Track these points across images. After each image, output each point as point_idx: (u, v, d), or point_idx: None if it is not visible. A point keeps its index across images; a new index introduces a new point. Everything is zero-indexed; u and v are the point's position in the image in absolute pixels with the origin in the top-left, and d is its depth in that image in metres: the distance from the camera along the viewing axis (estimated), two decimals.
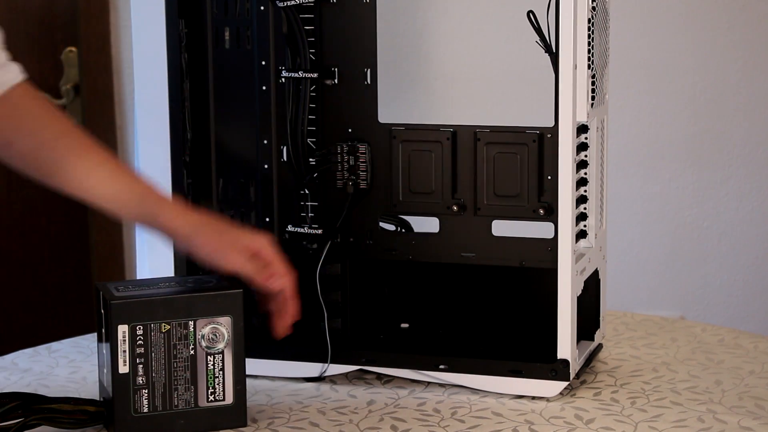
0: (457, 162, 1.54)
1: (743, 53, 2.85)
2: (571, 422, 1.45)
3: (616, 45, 1.68)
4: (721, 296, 2.95)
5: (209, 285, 1.43)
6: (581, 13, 1.46)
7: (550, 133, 1.50)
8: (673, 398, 1.51)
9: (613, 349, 1.68)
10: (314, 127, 1.57)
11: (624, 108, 2.84)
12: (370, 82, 1.54)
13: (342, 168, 1.57)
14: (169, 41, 1.57)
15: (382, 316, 1.66)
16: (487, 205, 1.54)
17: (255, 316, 1.50)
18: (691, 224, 2.92)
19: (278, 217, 1.59)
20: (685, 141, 2.89)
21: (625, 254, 2.91)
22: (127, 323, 1.37)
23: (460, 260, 1.56)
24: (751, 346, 1.70)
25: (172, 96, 1.58)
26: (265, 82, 1.58)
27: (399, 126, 1.55)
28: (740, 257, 2.93)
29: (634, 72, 2.86)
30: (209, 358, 1.40)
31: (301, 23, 1.55)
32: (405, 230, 1.59)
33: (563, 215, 1.48)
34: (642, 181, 2.91)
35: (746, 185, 2.90)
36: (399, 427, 1.44)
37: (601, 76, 1.54)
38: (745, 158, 2.89)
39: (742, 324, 2.90)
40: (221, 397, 1.41)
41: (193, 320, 1.40)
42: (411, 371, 1.56)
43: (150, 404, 1.39)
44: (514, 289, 1.63)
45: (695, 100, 2.87)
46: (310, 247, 1.58)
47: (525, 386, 1.52)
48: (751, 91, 2.87)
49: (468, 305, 1.65)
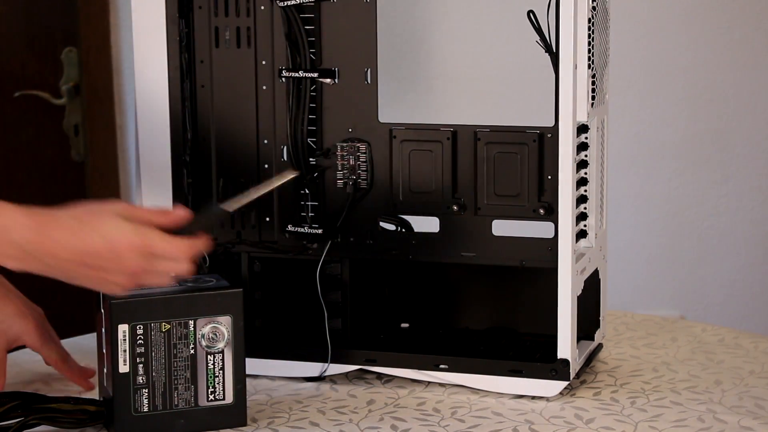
0: (457, 162, 1.54)
1: (743, 53, 2.86)
2: (571, 422, 1.45)
3: (616, 45, 1.68)
4: (721, 296, 2.95)
5: (209, 284, 1.43)
6: (581, 12, 1.46)
7: (550, 133, 1.50)
8: (673, 398, 1.51)
9: (613, 349, 1.68)
10: (314, 127, 1.57)
11: (624, 108, 2.85)
12: (370, 82, 1.54)
13: (342, 168, 1.57)
14: (169, 41, 1.57)
15: (382, 316, 1.66)
16: (487, 204, 1.54)
17: (256, 316, 1.50)
18: (691, 224, 2.93)
19: (278, 217, 1.59)
20: (685, 141, 2.89)
21: (625, 254, 2.91)
22: (127, 323, 1.37)
23: (460, 260, 1.56)
24: (751, 346, 1.70)
25: (172, 96, 1.58)
26: (266, 82, 1.58)
27: (399, 126, 1.55)
28: (740, 257, 2.93)
29: (634, 72, 2.86)
30: (209, 358, 1.41)
31: (301, 23, 1.55)
32: (405, 230, 1.59)
33: (563, 215, 1.48)
34: (642, 181, 2.91)
35: (746, 185, 2.90)
36: (399, 426, 1.44)
37: (601, 75, 1.54)
38: (745, 158, 2.89)
39: (742, 324, 2.90)
40: (221, 396, 1.41)
41: (193, 320, 1.40)
42: (411, 371, 1.56)
43: (150, 404, 1.39)
44: (514, 289, 1.63)
45: (695, 100, 2.88)
46: (310, 247, 1.58)
47: (525, 386, 1.52)
48: (751, 91, 2.87)
49: (468, 305, 1.65)
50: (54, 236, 1.27)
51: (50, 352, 1.54)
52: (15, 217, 1.26)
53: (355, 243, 1.58)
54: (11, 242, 1.26)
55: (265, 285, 1.62)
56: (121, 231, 1.29)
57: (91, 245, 1.27)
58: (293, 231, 1.59)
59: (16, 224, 1.26)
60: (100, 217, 1.29)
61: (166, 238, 1.31)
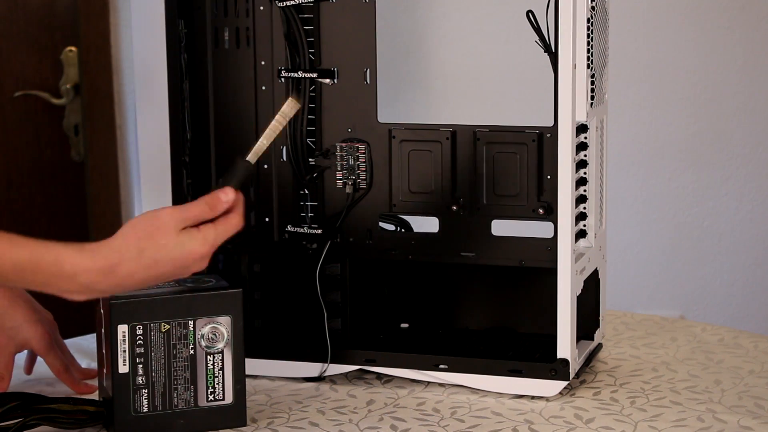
0: (457, 162, 1.54)
1: (743, 53, 2.85)
2: (571, 422, 1.45)
3: (616, 45, 1.68)
4: (721, 296, 2.95)
5: (209, 285, 1.43)
6: (580, 12, 1.46)
7: (549, 133, 1.50)
8: (672, 398, 1.51)
9: (612, 349, 1.68)
10: (314, 127, 1.57)
11: (624, 108, 2.85)
12: (370, 82, 1.55)
13: (341, 168, 1.57)
14: (169, 41, 1.57)
15: (382, 316, 1.66)
16: (486, 204, 1.54)
17: (256, 317, 1.50)
18: (691, 224, 2.92)
19: (278, 217, 1.59)
20: (685, 141, 2.89)
21: (625, 254, 2.91)
22: (126, 323, 1.37)
23: (460, 260, 1.56)
24: (751, 345, 1.70)
25: (172, 96, 1.58)
26: (265, 82, 1.58)
27: (398, 126, 1.55)
28: (740, 257, 2.93)
29: (634, 72, 2.86)
30: (209, 358, 1.41)
31: (300, 23, 1.55)
32: (405, 230, 1.59)
33: (563, 215, 1.48)
34: (642, 181, 2.91)
35: (746, 185, 2.90)
36: (399, 426, 1.44)
37: (600, 75, 1.54)
38: (745, 158, 2.89)
39: (742, 324, 2.90)
40: (221, 396, 1.41)
41: (192, 320, 1.40)
42: (411, 371, 1.56)
43: (150, 404, 1.39)
44: (514, 289, 1.63)
45: (695, 100, 2.87)
46: (310, 247, 1.58)
47: (525, 386, 1.52)
48: (751, 91, 2.87)
49: (468, 305, 1.65)
50: (120, 272, 1.28)
51: (54, 360, 1.56)
52: (77, 262, 1.26)
53: (355, 243, 1.58)
54: (79, 284, 1.27)
55: (264, 285, 1.62)
56: (185, 247, 1.30)
57: (159, 271, 1.29)
58: (293, 231, 1.59)
59: (79, 269, 1.26)
60: (161, 239, 1.29)
61: (225, 230, 1.32)
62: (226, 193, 1.33)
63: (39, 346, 1.55)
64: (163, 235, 1.29)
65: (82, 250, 1.27)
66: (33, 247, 1.25)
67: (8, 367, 1.53)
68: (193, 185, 1.61)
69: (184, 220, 1.30)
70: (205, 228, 1.31)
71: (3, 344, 1.53)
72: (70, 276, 1.26)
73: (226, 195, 1.33)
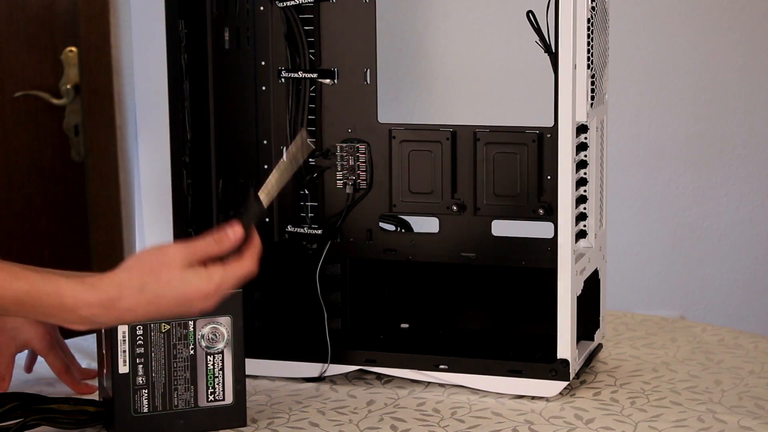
0: (457, 162, 1.54)
1: (743, 53, 2.85)
2: (571, 422, 1.45)
3: (616, 45, 1.68)
4: (721, 296, 2.95)
5: None
6: (580, 13, 1.46)
7: (549, 133, 1.50)
8: (672, 398, 1.51)
9: (613, 349, 1.68)
10: (314, 127, 1.57)
11: (624, 108, 2.85)
12: (370, 82, 1.55)
13: (341, 168, 1.57)
14: (169, 41, 1.57)
15: (382, 316, 1.66)
16: (486, 205, 1.54)
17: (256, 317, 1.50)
18: (691, 224, 2.92)
19: (278, 217, 1.59)
20: (685, 141, 2.89)
21: (625, 254, 2.91)
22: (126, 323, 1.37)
23: (460, 260, 1.56)
24: (751, 346, 1.70)
25: (172, 96, 1.58)
26: (265, 82, 1.58)
27: (399, 126, 1.55)
28: (740, 257, 2.93)
29: (634, 72, 2.86)
30: (209, 358, 1.41)
31: (300, 23, 1.55)
32: (405, 230, 1.59)
33: (563, 215, 1.48)
34: (642, 181, 2.91)
35: (746, 185, 2.90)
36: (399, 427, 1.44)
37: (600, 75, 1.54)
38: (745, 158, 2.89)
39: (742, 324, 2.90)
40: (221, 397, 1.41)
41: (192, 320, 1.40)
42: (411, 371, 1.56)
43: (150, 404, 1.39)
44: (514, 289, 1.63)
45: (695, 100, 2.87)
46: (310, 247, 1.58)
47: (525, 386, 1.52)
48: (751, 91, 2.87)
49: (468, 305, 1.65)
50: (121, 306, 1.26)
51: (55, 360, 1.56)
52: (77, 295, 1.25)
53: (355, 243, 1.58)
54: (79, 317, 1.26)
55: (264, 285, 1.62)
56: (190, 284, 1.27)
57: (162, 306, 1.28)
58: (293, 231, 1.59)
59: (79, 302, 1.25)
60: (165, 274, 1.27)
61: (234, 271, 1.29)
62: (234, 228, 1.30)
63: (40, 346, 1.55)
64: (167, 270, 1.27)
65: (83, 283, 1.26)
66: (33, 280, 1.24)
67: (9, 368, 1.54)
68: (193, 185, 1.61)
69: (190, 256, 1.28)
70: (212, 266, 1.29)
71: (4, 344, 1.53)
72: (70, 309, 1.25)
73: (234, 230, 1.30)
